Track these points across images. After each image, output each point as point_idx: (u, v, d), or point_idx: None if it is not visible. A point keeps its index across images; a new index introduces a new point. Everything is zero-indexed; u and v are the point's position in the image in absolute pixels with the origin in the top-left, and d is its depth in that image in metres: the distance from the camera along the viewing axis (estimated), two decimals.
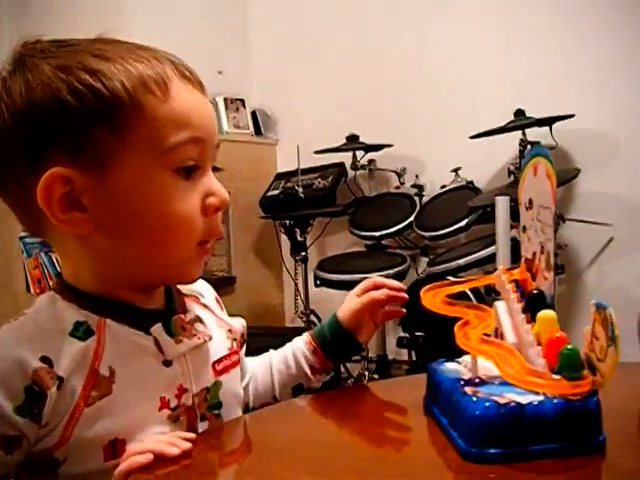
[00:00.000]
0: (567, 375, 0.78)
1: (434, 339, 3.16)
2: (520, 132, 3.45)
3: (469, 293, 2.57)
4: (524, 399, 0.77)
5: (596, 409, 0.78)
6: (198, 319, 1.02)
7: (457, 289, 0.99)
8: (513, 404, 0.77)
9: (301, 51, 4.30)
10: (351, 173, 4.14)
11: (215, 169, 0.97)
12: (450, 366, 0.95)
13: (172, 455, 0.84)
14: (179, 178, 0.91)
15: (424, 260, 3.82)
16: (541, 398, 0.77)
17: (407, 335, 3.42)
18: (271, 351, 1.25)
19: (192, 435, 0.88)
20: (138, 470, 0.83)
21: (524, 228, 0.97)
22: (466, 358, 0.93)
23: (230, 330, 1.10)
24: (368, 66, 4.20)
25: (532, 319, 0.87)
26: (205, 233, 0.94)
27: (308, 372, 1.20)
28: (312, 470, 0.82)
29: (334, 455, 0.86)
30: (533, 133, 3.46)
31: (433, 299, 0.96)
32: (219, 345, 1.05)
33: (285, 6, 4.56)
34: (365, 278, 1.22)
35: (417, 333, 3.35)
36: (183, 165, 0.91)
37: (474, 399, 0.79)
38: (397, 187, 4.06)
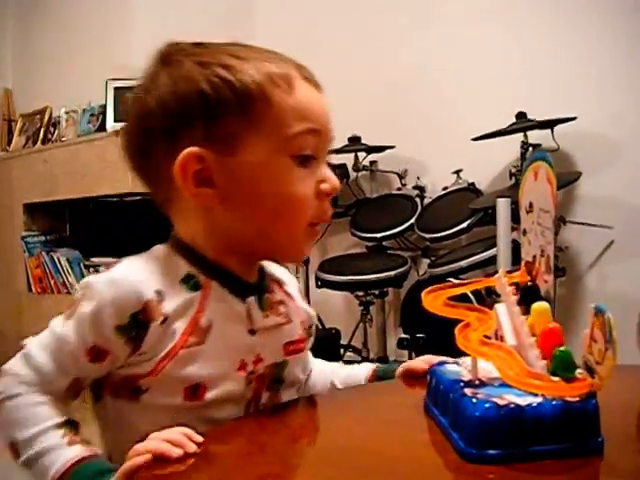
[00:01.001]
0: (560, 375, 0.80)
1: (435, 340, 3.16)
2: (522, 134, 3.45)
3: (470, 295, 2.57)
4: (523, 401, 0.78)
5: (594, 411, 0.79)
6: (282, 302, 1.13)
7: (458, 291, 1.00)
8: (512, 405, 0.77)
9: (302, 52, 4.26)
10: (353, 174, 4.14)
11: (328, 163, 1.08)
12: (450, 367, 0.96)
13: (174, 456, 0.85)
14: (296, 164, 1.02)
15: (425, 262, 3.81)
16: (540, 400, 0.78)
17: (408, 336, 3.42)
18: (334, 365, 1.31)
19: (199, 438, 0.89)
20: (139, 470, 0.84)
21: (524, 231, 0.98)
22: (466, 359, 0.93)
23: (303, 320, 1.18)
24: (370, 68, 4.21)
25: (526, 311, 0.89)
26: (316, 215, 1.05)
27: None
28: (312, 472, 0.83)
29: (335, 456, 0.87)
30: (535, 135, 3.46)
31: (434, 301, 0.96)
32: (293, 329, 1.14)
33: (287, 9, 4.57)
34: (366, 279, 1.26)
35: (418, 334, 3.36)
36: (301, 153, 1.02)
37: (474, 400, 0.80)
38: (399, 188, 4.06)
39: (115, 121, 3.98)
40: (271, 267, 1.18)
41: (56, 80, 4.63)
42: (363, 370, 1.27)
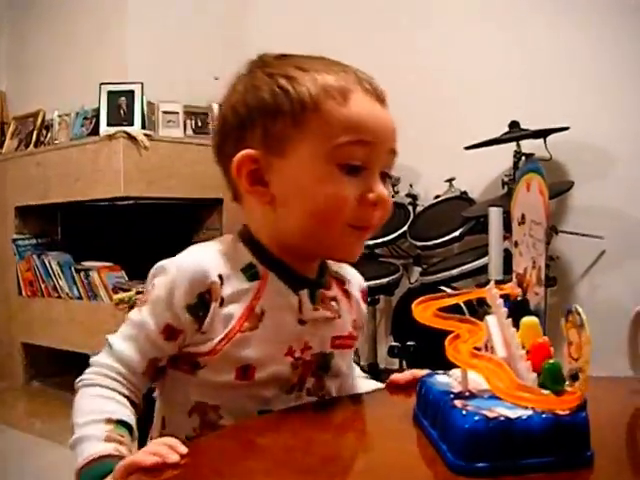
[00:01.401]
0: (550, 388, 0.80)
1: (425, 348, 3.16)
2: (515, 144, 3.46)
3: (462, 305, 2.57)
4: (513, 413, 0.78)
5: (584, 424, 0.78)
6: (335, 298, 1.20)
7: (448, 302, 0.99)
8: (502, 418, 0.77)
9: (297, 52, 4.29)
10: None
11: (387, 175, 1.15)
12: (440, 379, 0.96)
13: (148, 464, 0.86)
14: (341, 172, 1.07)
15: (417, 270, 3.82)
16: (530, 413, 0.78)
17: (398, 344, 3.42)
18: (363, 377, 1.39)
19: (183, 449, 0.89)
20: (137, 470, 0.86)
21: (516, 243, 0.98)
22: (456, 371, 0.93)
23: (355, 320, 1.25)
24: None
25: (516, 326, 0.89)
26: (356, 219, 1.09)
27: None
28: None
29: (324, 465, 0.86)
30: (528, 145, 3.47)
31: (424, 312, 0.96)
32: (343, 326, 1.21)
33: (281, 12, 4.57)
34: None
35: (408, 342, 3.35)
36: (347, 162, 1.07)
37: (463, 412, 0.79)
38: (391, 196, 4.05)
39: (108, 125, 3.96)
40: (340, 266, 1.28)
41: (50, 83, 4.62)
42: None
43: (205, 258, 1.11)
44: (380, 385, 1.31)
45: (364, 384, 1.34)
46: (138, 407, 1.09)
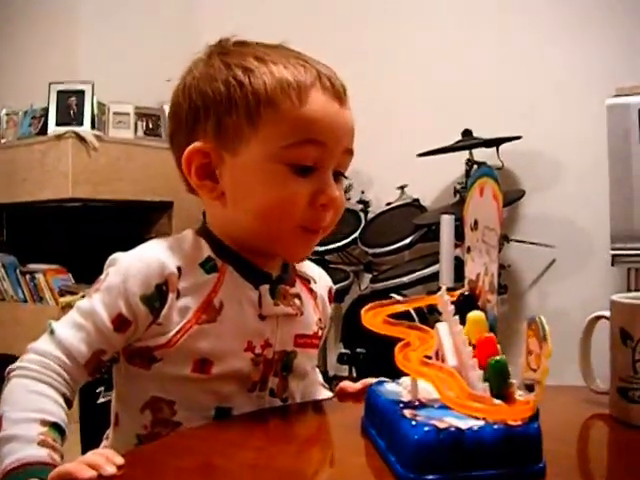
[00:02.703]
0: (494, 385, 0.79)
1: (375, 356, 3.15)
2: (467, 152, 3.48)
3: (412, 312, 2.56)
4: (464, 424, 0.76)
5: (537, 435, 0.77)
6: (298, 296, 1.18)
7: (399, 309, 0.97)
8: (453, 429, 0.75)
9: None
10: None
11: (341, 174, 1.14)
12: (389, 387, 0.94)
13: (86, 477, 0.82)
14: (292, 172, 1.05)
15: (367, 276, 3.81)
16: (481, 423, 0.76)
17: (348, 351, 3.41)
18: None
19: (120, 460, 0.85)
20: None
21: (469, 249, 0.96)
22: (406, 380, 0.91)
23: (320, 319, 1.24)
24: None
25: (462, 321, 0.88)
26: (306, 221, 1.08)
27: None
28: None
29: (265, 478, 0.84)
30: (480, 153, 3.50)
31: (374, 319, 0.94)
32: (307, 324, 1.19)
33: (234, 14, 4.54)
34: None
35: (358, 350, 3.34)
36: (298, 163, 1.05)
37: (413, 423, 0.77)
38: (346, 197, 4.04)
39: (57, 125, 3.90)
40: (306, 265, 1.26)
41: None
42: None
43: (163, 251, 1.09)
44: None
45: (322, 394, 1.32)
46: (71, 405, 1.03)
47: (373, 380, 1.09)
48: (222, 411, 1.09)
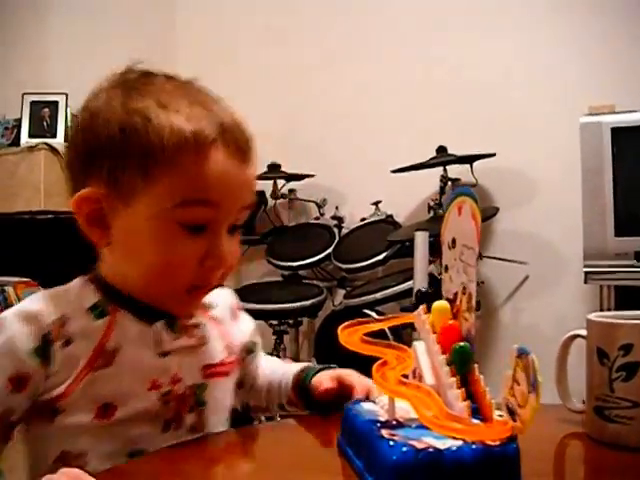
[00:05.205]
0: (457, 370, 0.81)
1: None
2: (441, 168, 3.49)
3: (386, 330, 2.56)
4: (442, 444, 0.75)
5: (515, 455, 0.76)
6: (198, 326, 1.15)
7: (375, 327, 0.97)
8: (431, 449, 0.74)
9: (224, 75, 4.26)
10: (271, 202, 4.10)
11: (237, 227, 1.09)
12: (366, 406, 0.93)
13: None
14: (183, 231, 1.02)
15: (341, 292, 3.80)
16: (459, 443, 0.75)
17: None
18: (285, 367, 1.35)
19: None
20: None
21: (446, 267, 0.96)
22: (383, 398, 0.90)
23: (229, 345, 1.21)
24: (291, 96, 4.20)
25: (428, 311, 0.92)
26: (195, 279, 1.06)
27: (283, 400, 1.29)
28: None
29: None
30: (454, 170, 3.52)
31: (351, 337, 0.93)
32: (213, 353, 1.16)
33: (210, 24, 4.52)
34: (281, 308, 1.27)
35: (331, 365, 3.32)
36: (189, 222, 1.02)
37: (391, 443, 0.76)
38: (317, 218, 4.05)
39: (30, 136, 3.86)
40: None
41: None
42: (295, 367, 1.32)
43: (45, 301, 1.05)
44: (287, 368, 1.31)
45: (268, 364, 1.34)
46: None
47: (346, 372, 1.20)
48: (135, 454, 1.04)
